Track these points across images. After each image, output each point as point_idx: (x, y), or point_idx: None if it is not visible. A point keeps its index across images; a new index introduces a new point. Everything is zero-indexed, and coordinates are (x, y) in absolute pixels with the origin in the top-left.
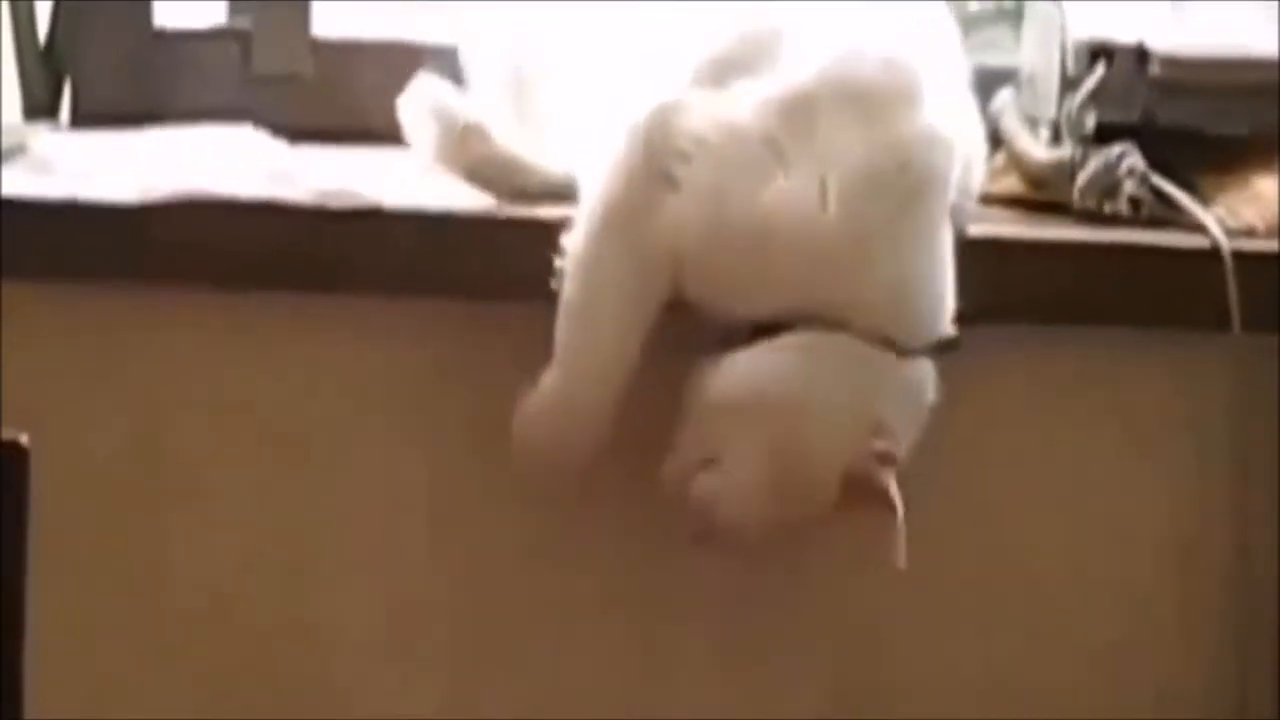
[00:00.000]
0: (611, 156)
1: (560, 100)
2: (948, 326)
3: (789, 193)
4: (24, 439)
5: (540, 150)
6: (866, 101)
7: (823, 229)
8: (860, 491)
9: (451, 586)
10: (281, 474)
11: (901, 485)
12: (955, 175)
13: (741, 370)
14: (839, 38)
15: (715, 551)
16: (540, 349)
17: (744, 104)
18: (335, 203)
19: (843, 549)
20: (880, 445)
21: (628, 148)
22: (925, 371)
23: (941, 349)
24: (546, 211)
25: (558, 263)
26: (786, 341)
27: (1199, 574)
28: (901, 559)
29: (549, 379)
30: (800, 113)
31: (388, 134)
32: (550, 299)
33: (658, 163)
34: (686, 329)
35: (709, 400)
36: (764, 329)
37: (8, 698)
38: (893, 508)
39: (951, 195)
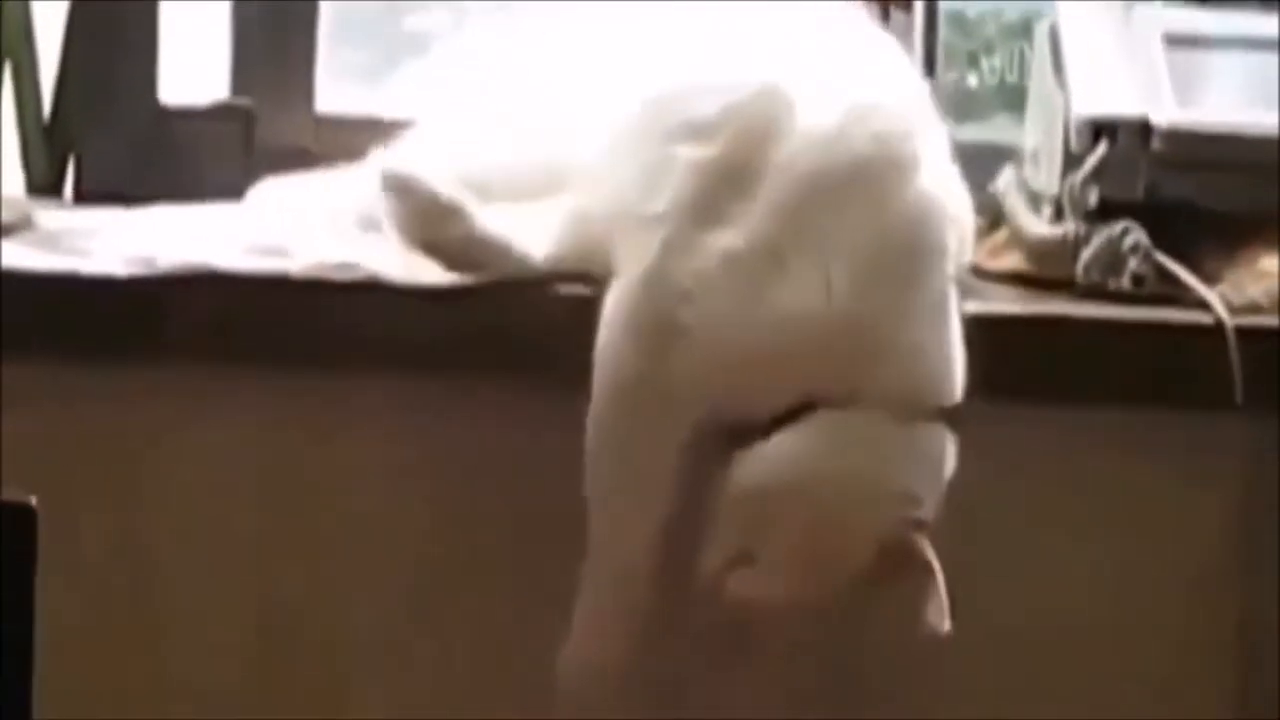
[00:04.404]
0: (613, 327)
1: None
2: (959, 392)
3: (795, 291)
4: (33, 501)
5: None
6: (859, 181)
7: (831, 316)
8: (897, 561)
9: (461, 669)
10: (280, 551)
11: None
12: (953, 239)
13: (766, 461)
14: (822, 123)
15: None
16: (541, 424)
17: (736, 227)
18: (335, 276)
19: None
20: (912, 512)
21: (629, 314)
22: (942, 436)
23: (950, 416)
24: (551, 284)
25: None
26: (805, 426)
27: (1203, 655)
28: (946, 624)
29: (583, 590)
30: (795, 210)
31: None
32: (554, 372)
33: (663, 317)
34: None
35: (737, 494)
36: (780, 418)
37: None
38: (932, 573)
39: (951, 260)
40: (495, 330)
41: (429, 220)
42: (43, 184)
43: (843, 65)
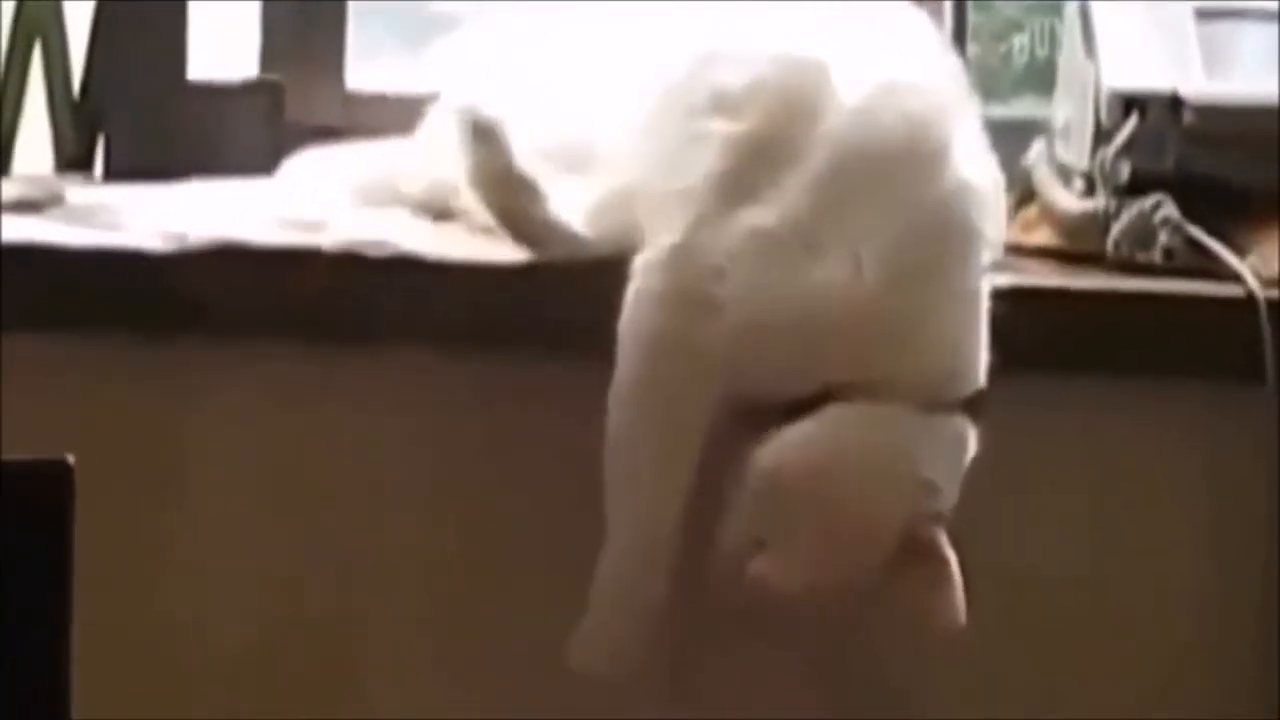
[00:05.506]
0: (642, 299)
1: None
2: (981, 380)
3: (825, 272)
4: (70, 458)
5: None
6: (892, 161)
7: (861, 300)
8: (915, 553)
9: (482, 654)
10: (307, 528)
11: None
12: (990, 225)
13: (787, 447)
14: (855, 99)
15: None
16: (572, 403)
17: (768, 204)
18: (367, 252)
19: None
20: (931, 503)
21: (658, 286)
22: (963, 426)
23: (972, 403)
24: (583, 262)
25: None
26: (827, 414)
27: (1227, 635)
28: (961, 619)
29: (601, 568)
30: (828, 189)
31: None
32: (584, 352)
33: (694, 290)
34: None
35: (757, 480)
36: (801, 405)
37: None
38: (949, 567)
39: (986, 245)
40: (527, 308)
41: (505, 188)
42: (73, 161)
43: (875, 41)
